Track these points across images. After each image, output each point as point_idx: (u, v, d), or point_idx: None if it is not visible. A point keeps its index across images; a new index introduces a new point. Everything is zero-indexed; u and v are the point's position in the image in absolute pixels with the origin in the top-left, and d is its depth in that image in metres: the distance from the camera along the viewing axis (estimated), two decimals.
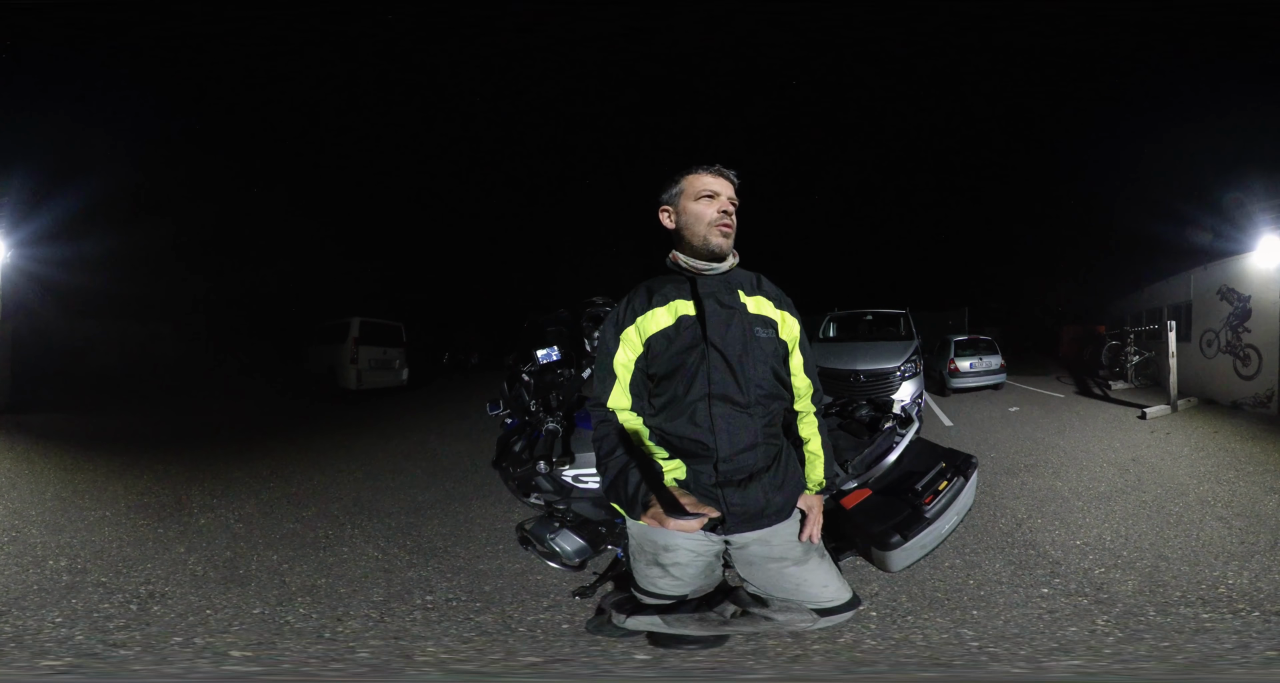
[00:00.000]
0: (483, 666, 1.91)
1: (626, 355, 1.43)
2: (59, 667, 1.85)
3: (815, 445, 1.51)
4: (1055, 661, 1.89)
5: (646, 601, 1.53)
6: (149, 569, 2.72)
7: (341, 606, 2.39)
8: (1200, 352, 8.56)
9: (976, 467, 2.03)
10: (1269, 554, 2.76)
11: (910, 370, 6.78)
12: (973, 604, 2.35)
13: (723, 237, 1.42)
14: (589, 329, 2.29)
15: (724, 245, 1.42)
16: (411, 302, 17.20)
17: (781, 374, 1.46)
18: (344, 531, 3.37)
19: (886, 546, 1.76)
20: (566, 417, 2.15)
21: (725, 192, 1.44)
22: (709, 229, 1.42)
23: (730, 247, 1.44)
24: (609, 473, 1.37)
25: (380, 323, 11.20)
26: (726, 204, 1.43)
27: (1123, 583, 2.51)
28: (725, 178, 1.45)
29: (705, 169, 1.46)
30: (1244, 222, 7.72)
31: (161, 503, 3.76)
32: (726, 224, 1.42)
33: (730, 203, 1.44)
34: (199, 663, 1.91)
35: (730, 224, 1.42)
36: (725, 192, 1.44)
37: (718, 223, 1.41)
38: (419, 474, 4.78)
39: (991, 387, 9.97)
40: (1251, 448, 5.12)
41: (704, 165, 1.46)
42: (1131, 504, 3.64)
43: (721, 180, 1.44)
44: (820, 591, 1.48)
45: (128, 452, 5.17)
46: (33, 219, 7.76)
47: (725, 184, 1.45)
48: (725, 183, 1.45)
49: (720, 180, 1.44)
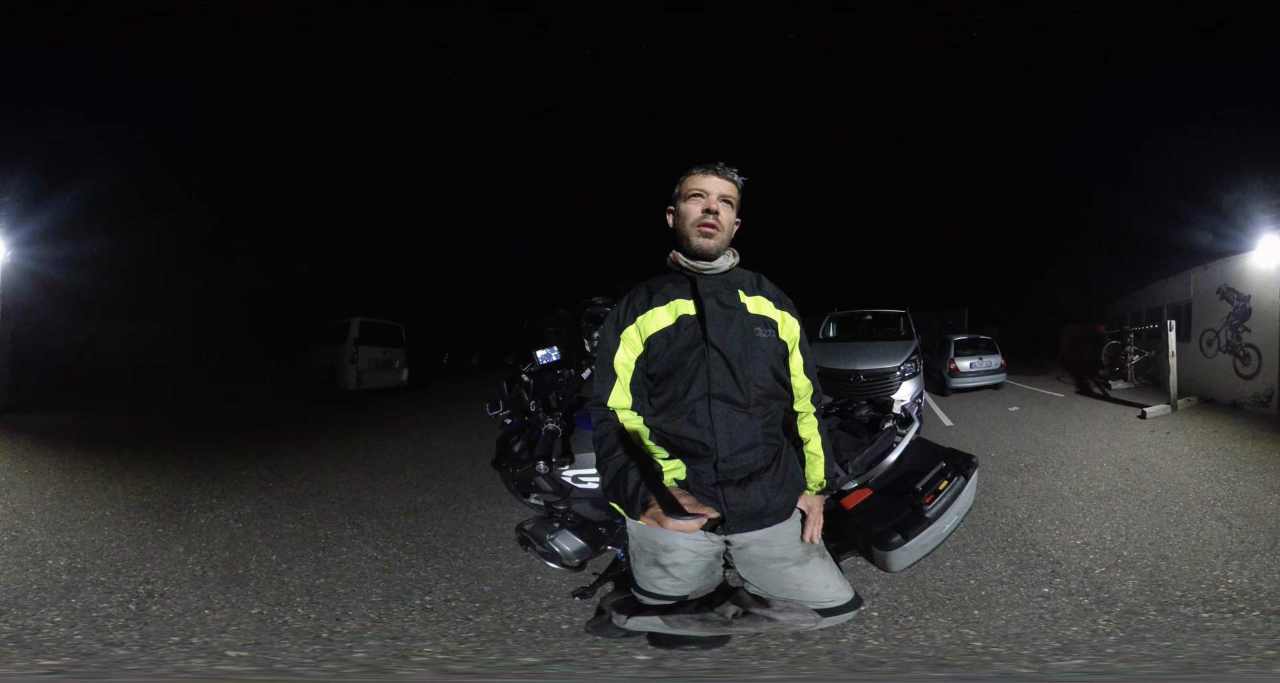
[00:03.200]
0: (479, 667, 1.91)
1: (627, 355, 1.42)
2: (56, 666, 1.84)
3: (815, 446, 1.51)
4: (1059, 661, 1.89)
5: (647, 601, 1.53)
6: (148, 569, 2.72)
7: (340, 606, 2.38)
8: (1200, 351, 8.55)
9: (977, 467, 2.03)
10: (1269, 554, 2.76)
11: (910, 370, 6.77)
12: (974, 604, 2.35)
13: (702, 237, 1.39)
14: (589, 330, 2.28)
15: (704, 245, 1.39)
16: (411, 302, 17.21)
17: (781, 374, 1.45)
18: (343, 531, 3.36)
19: (887, 546, 1.75)
20: (566, 417, 2.15)
21: (716, 190, 1.41)
22: (691, 229, 1.40)
23: (713, 247, 1.40)
24: (609, 473, 1.37)
25: (380, 323, 11.19)
26: (713, 203, 1.40)
27: (1123, 582, 2.50)
28: (721, 177, 1.42)
29: (702, 169, 1.43)
30: (1244, 221, 7.72)
31: (161, 503, 3.76)
32: (707, 224, 1.39)
33: (721, 202, 1.41)
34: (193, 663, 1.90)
35: (712, 224, 1.39)
36: (716, 190, 1.41)
37: (699, 223, 1.39)
38: (418, 475, 4.78)
39: (991, 386, 9.97)
40: (1251, 447, 5.12)
41: (705, 165, 1.44)
42: (1132, 504, 3.64)
43: (714, 179, 1.41)
44: (822, 591, 1.47)
45: (127, 451, 5.16)
46: (32, 219, 7.75)
47: (718, 183, 1.41)
48: (718, 181, 1.41)
49: (712, 179, 1.41)
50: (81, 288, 10.21)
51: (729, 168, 1.44)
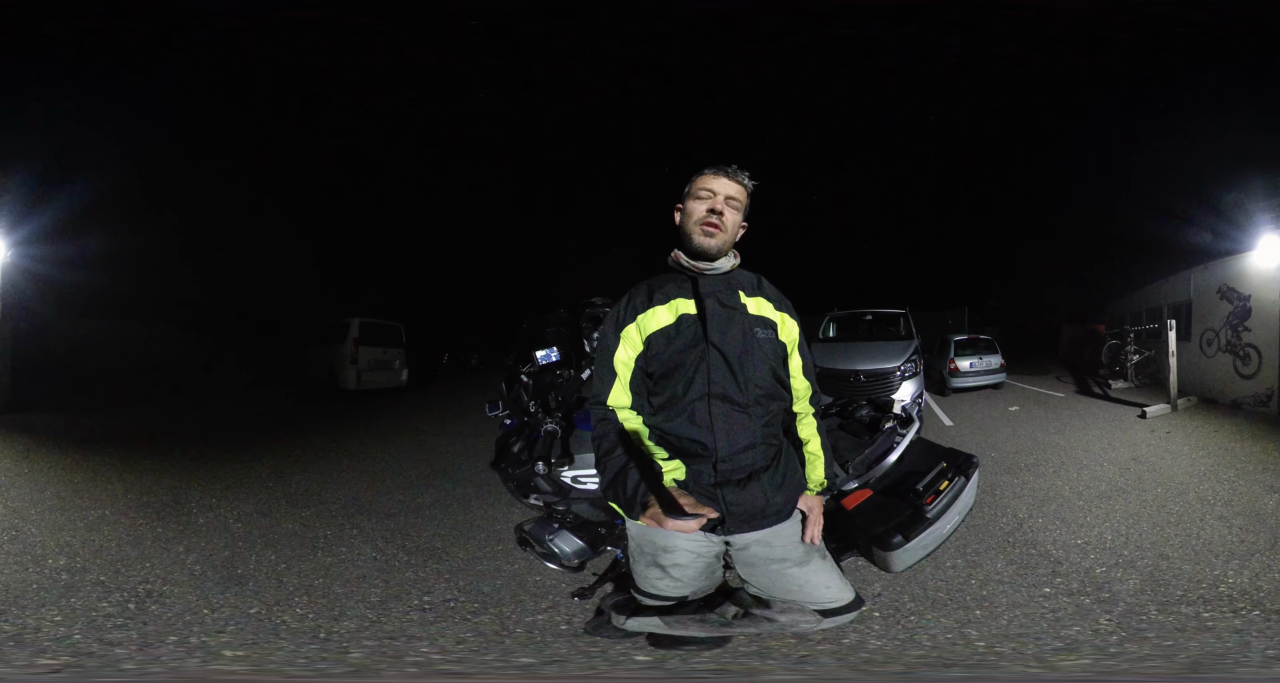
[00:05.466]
0: (478, 667, 1.90)
1: (627, 353, 1.42)
2: (55, 665, 1.84)
3: (815, 446, 1.51)
4: (1063, 660, 1.89)
5: (646, 602, 1.52)
6: (148, 568, 2.71)
7: (338, 606, 2.38)
8: (1200, 351, 8.55)
9: (977, 466, 2.02)
10: (1269, 553, 2.76)
11: (910, 370, 6.77)
12: (975, 604, 2.34)
13: (704, 235, 1.39)
14: (588, 330, 2.28)
15: (705, 244, 1.40)
16: (411, 302, 17.20)
17: (781, 375, 1.45)
18: (342, 531, 3.36)
19: (888, 546, 1.75)
20: (565, 418, 2.14)
21: (724, 191, 1.41)
22: (695, 227, 1.41)
23: (714, 246, 1.40)
24: (608, 473, 1.36)
25: (380, 323, 11.19)
26: (718, 203, 1.40)
27: (1124, 582, 2.50)
28: (731, 178, 1.42)
29: (714, 169, 1.43)
30: (1244, 221, 7.71)
31: (161, 502, 3.76)
32: (709, 223, 1.39)
33: (727, 203, 1.41)
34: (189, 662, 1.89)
35: (715, 224, 1.39)
36: (724, 191, 1.41)
37: (703, 221, 1.40)
38: (418, 475, 4.78)
39: (991, 386, 9.96)
40: (1251, 447, 5.12)
41: (717, 166, 1.44)
42: (1132, 503, 3.64)
43: (723, 180, 1.42)
44: (822, 591, 1.47)
45: (127, 451, 5.16)
46: (32, 218, 7.76)
47: (727, 184, 1.42)
48: (727, 183, 1.42)
49: (721, 180, 1.42)
50: (81, 288, 10.21)
51: (740, 171, 1.44)
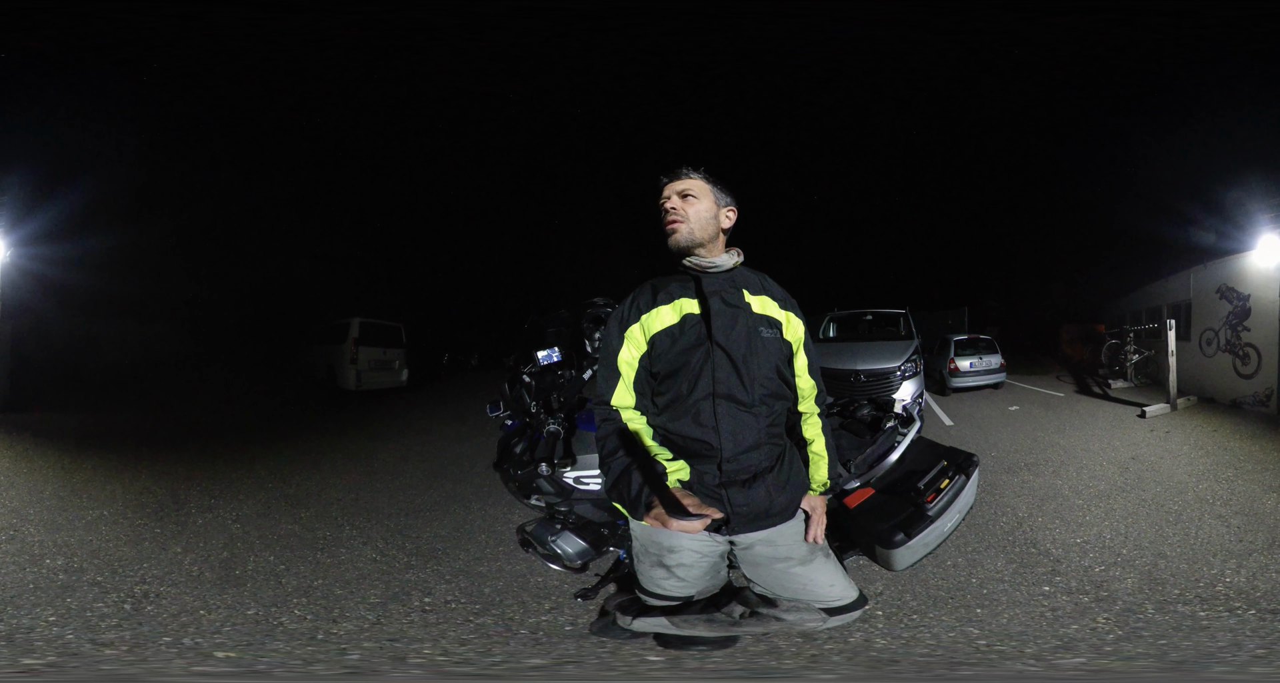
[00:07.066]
0: (481, 669, 1.90)
1: (630, 353, 1.42)
2: (39, 665, 1.82)
3: (819, 446, 1.51)
4: (1062, 658, 1.89)
5: (651, 602, 1.52)
6: (145, 569, 2.71)
7: (337, 607, 2.37)
8: (1200, 350, 8.56)
9: (978, 465, 2.03)
10: (1266, 553, 2.76)
11: (910, 370, 6.77)
12: (976, 603, 2.35)
13: (669, 233, 1.44)
14: (590, 330, 2.27)
15: (672, 240, 1.44)
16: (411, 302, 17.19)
17: (785, 374, 1.45)
18: (342, 532, 3.36)
19: (891, 544, 1.75)
20: (568, 418, 2.13)
21: (674, 190, 1.46)
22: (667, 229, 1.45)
23: (682, 238, 1.43)
24: (612, 473, 1.36)
25: (380, 323, 11.19)
26: (671, 201, 1.45)
27: (1122, 581, 2.51)
28: (676, 178, 1.48)
29: (663, 177, 1.49)
30: (1244, 221, 7.72)
31: (159, 502, 3.75)
32: (669, 221, 1.44)
33: (679, 197, 1.45)
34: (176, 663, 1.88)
35: (674, 218, 1.44)
36: (674, 190, 1.46)
37: (665, 223, 1.45)
38: (418, 476, 4.77)
39: (991, 386, 9.97)
40: (1250, 446, 5.12)
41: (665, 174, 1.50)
42: (1131, 502, 3.64)
43: (670, 184, 1.47)
44: (827, 590, 1.47)
45: (126, 451, 5.15)
46: (33, 218, 7.75)
47: (675, 184, 1.47)
48: (675, 183, 1.47)
49: (670, 184, 1.47)
50: (81, 288, 10.19)
51: (688, 168, 1.49)
